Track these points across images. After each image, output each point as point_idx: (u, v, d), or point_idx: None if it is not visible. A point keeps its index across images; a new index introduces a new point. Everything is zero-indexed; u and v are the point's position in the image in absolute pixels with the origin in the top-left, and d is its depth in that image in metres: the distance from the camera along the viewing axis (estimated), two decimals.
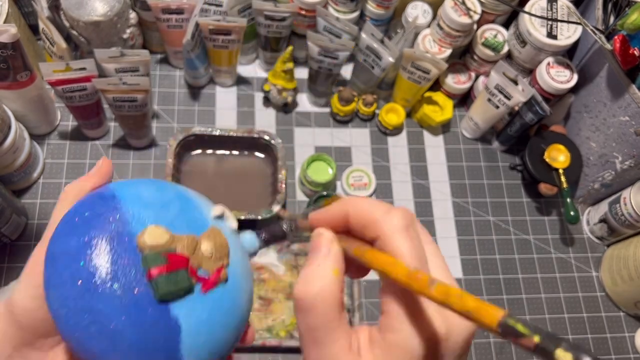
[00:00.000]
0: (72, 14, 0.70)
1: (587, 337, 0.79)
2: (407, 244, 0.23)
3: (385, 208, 0.24)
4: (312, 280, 0.24)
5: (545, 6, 0.76)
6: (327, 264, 0.24)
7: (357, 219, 0.25)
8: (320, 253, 0.25)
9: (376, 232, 0.24)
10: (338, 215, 0.26)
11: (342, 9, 0.80)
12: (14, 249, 0.72)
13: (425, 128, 0.89)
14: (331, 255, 0.25)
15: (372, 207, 0.25)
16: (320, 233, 0.26)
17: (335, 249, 0.25)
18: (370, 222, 0.24)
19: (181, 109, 0.84)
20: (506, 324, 0.17)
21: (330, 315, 0.23)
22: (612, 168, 0.78)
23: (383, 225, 0.24)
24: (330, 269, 0.24)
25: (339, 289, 0.24)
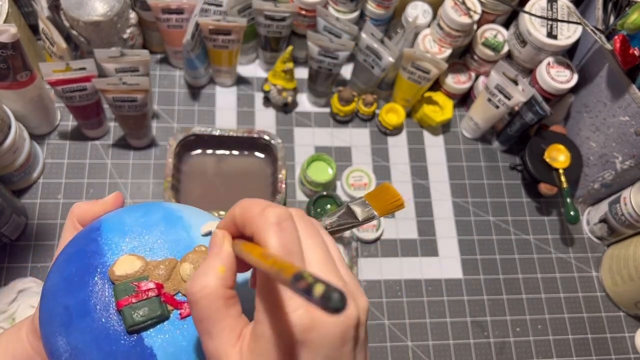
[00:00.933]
0: (72, 13, 0.70)
1: (587, 337, 0.79)
2: (274, 237, 0.24)
3: (263, 206, 0.26)
4: (197, 277, 0.26)
5: (545, 6, 0.76)
6: (214, 262, 0.26)
7: (240, 218, 0.27)
8: (212, 251, 0.27)
9: (252, 228, 0.26)
10: (230, 218, 0.27)
11: (342, 9, 0.80)
12: (14, 249, 0.72)
13: (425, 128, 0.89)
14: (220, 253, 0.26)
15: (251, 205, 0.26)
16: (215, 233, 0.28)
17: (225, 247, 0.27)
18: (248, 220, 0.26)
19: (181, 109, 0.84)
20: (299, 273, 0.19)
21: (213, 308, 0.25)
22: (612, 168, 0.78)
23: (257, 222, 0.25)
24: (216, 266, 0.26)
25: (224, 285, 0.25)
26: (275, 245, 0.24)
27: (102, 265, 0.28)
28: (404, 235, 0.81)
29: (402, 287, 0.78)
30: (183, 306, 0.28)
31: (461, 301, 0.78)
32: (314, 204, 0.76)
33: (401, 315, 0.76)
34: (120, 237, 0.29)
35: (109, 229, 0.30)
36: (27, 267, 0.71)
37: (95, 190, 0.77)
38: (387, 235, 0.80)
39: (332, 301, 0.17)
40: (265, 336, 0.24)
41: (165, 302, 0.28)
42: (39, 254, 0.72)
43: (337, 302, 0.17)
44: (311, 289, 0.18)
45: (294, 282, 0.19)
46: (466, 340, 0.76)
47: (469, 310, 0.78)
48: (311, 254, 0.26)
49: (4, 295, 0.67)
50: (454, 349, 0.75)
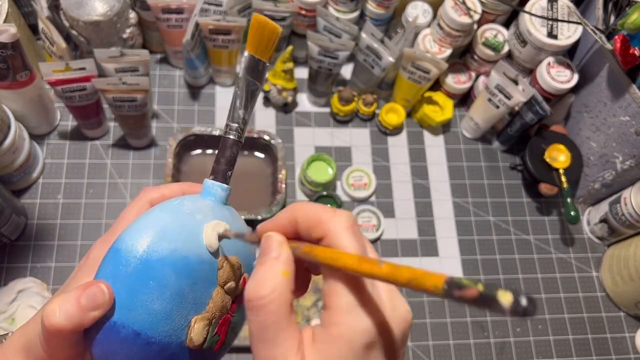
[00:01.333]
0: (72, 13, 0.70)
1: (588, 337, 0.79)
2: (352, 239, 0.25)
3: (332, 210, 0.26)
4: (263, 281, 0.25)
5: (546, 6, 0.76)
6: (277, 266, 0.25)
7: (305, 222, 0.26)
8: (271, 255, 0.26)
9: (323, 231, 0.25)
10: (287, 221, 0.27)
11: (342, 9, 0.80)
12: (14, 249, 0.72)
13: (425, 128, 0.89)
14: (281, 257, 0.26)
15: (319, 209, 0.26)
16: (270, 235, 0.27)
17: (285, 250, 0.26)
18: (317, 223, 0.26)
19: (181, 108, 0.84)
20: (452, 280, 0.19)
21: (280, 316, 0.24)
22: (613, 168, 0.78)
23: (329, 225, 0.25)
24: (280, 271, 0.25)
25: (289, 290, 0.25)
26: (353, 249, 0.24)
27: None
28: (404, 235, 0.81)
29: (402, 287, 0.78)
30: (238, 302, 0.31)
31: None
32: None
33: None
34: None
35: None
36: (26, 267, 0.71)
37: (95, 190, 0.77)
38: (387, 235, 0.80)
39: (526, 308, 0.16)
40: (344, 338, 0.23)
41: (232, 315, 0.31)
42: (39, 254, 0.72)
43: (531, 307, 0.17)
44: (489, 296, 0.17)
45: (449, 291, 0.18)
46: (466, 340, 0.76)
47: (469, 311, 0.78)
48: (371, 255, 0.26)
49: (3, 296, 0.67)
50: (454, 349, 0.75)
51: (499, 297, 0.17)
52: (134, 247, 0.27)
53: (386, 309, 0.24)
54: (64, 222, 0.74)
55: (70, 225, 0.74)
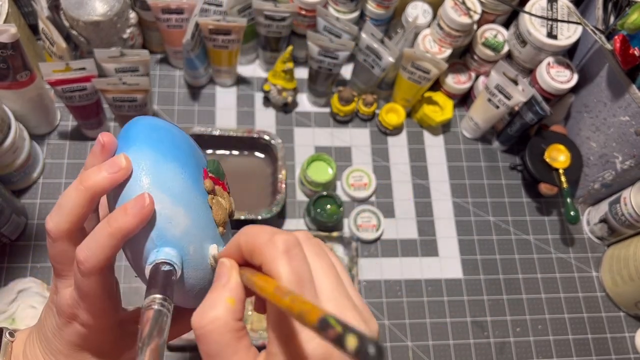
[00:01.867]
0: (72, 13, 0.70)
1: (587, 337, 0.79)
2: (285, 267, 0.24)
3: (270, 234, 0.25)
4: (206, 310, 0.25)
5: (546, 6, 0.76)
6: (223, 293, 0.25)
7: (246, 247, 0.26)
8: (220, 282, 0.26)
9: (260, 258, 0.25)
10: (235, 246, 0.27)
11: (342, 9, 0.80)
12: (14, 249, 0.72)
13: (425, 128, 0.89)
14: (228, 284, 0.25)
15: (257, 234, 0.25)
16: (222, 262, 0.27)
17: (233, 277, 0.26)
18: (255, 249, 0.25)
19: (181, 108, 0.84)
20: (325, 319, 0.19)
21: (224, 342, 0.24)
22: (613, 168, 0.78)
23: (265, 251, 0.24)
24: (225, 298, 0.25)
25: (234, 317, 0.24)
26: (286, 275, 0.23)
27: None
28: (404, 235, 0.81)
29: (402, 287, 0.78)
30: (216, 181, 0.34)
31: (461, 301, 0.78)
32: (314, 204, 0.76)
33: (401, 315, 0.76)
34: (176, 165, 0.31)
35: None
36: (26, 267, 0.71)
37: None
38: (387, 235, 0.80)
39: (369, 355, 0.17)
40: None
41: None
42: (39, 254, 0.72)
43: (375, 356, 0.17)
44: (342, 339, 0.18)
45: (320, 329, 0.19)
46: (466, 340, 0.76)
47: (469, 311, 0.78)
48: (322, 279, 0.25)
49: (3, 296, 0.67)
50: (454, 349, 0.75)
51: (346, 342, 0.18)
52: None
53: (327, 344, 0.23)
54: None
55: None
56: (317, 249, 0.26)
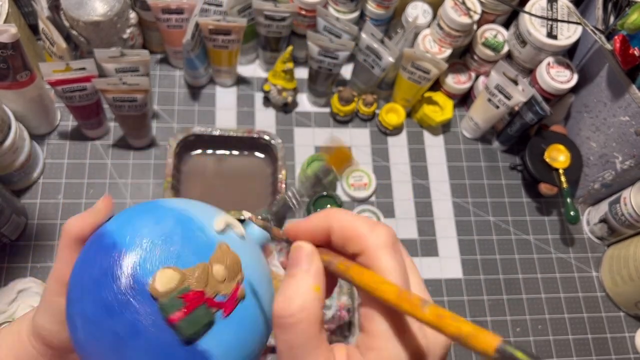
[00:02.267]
0: (72, 13, 0.70)
1: (587, 337, 0.79)
2: (392, 262, 0.23)
3: (371, 223, 0.24)
4: (293, 297, 0.23)
5: (546, 6, 0.76)
6: (308, 280, 0.24)
7: (340, 233, 0.25)
8: (301, 268, 0.24)
9: (360, 247, 0.24)
10: (320, 227, 0.25)
11: (342, 9, 0.80)
12: (14, 249, 0.72)
13: (425, 128, 0.89)
14: (312, 271, 0.24)
15: (357, 222, 0.24)
16: (300, 246, 0.25)
17: (316, 263, 0.24)
18: (354, 237, 0.24)
19: (181, 109, 0.84)
20: (504, 350, 0.17)
21: (311, 334, 0.23)
22: (613, 168, 0.78)
23: (368, 241, 0.23)
24: (311, 286, 0.23)
25: (320, 307, 0.23)
26: (393, 269, 0.23)
27: (139, 283, 0.28)
28: (404, 235, 0.81)
29: None
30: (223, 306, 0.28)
31: (461, 301, 0.78)
32: (314, 204, 0.76)
33: None
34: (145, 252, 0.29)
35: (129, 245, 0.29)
36: (27, 267, 0.71)
37: (95, 191, 0.77)
38: None
39: None
40: None
41: (209, 306, 0.28)
42: (39, 254, 0.72)
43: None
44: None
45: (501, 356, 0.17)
46: None
47: (469, 310, 0.78)
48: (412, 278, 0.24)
49: (3, 296, 0.67)
50: (454, 348, 0.75)
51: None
52: None
53: (425, 335, 0.23)
54: (64, 222, 0.74)
55: None
56: (404, 249, 0.26)
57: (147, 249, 0.29)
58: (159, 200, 0.32)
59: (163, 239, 0.29)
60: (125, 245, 0.29)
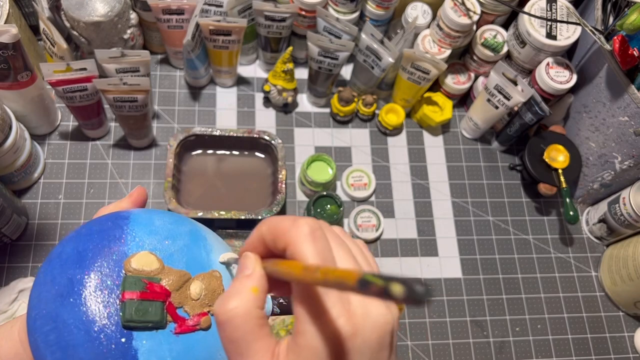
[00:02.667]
0: (73, 14, 0.71)
1: (587, 336, 0.79)
2: (310, 247, 0.24)
3: (293, 219, 0.26)
4: (230, 297, 0.26)
5: (545, 7, 0.77)
6: (247, 283, 0.26)
7: (269, 235, 0.27)
8: (243, 272, 0.27)
9: (285, 241, 0.26)
10: (256, 238, 0.28)
11: (342, 10, 0.80)
12: (15, 249, 0.72)
13: (425, 128, 0.90)
14: (253, 275, 0.27)
15: (280, 220, 0.26)
16: (245, 255, 0.28)
17: (257, 268, 0.27)
18: (279, 234, 0.26)
19: (181, 109, 0.85)
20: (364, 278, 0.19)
21: (248, 328, 0.25)
22: (612, 168, 0.78)
23: (289, 233, 0.25)
24: (249, 287, 0.26)
25: (257, 306, 0.25)
26: (312, 254, 0.24)
27: (121, 253, 0.28)
28: (404, 235, 0.81)
29: None
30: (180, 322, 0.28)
31: (461, 301, 0.78)
32: (314, 204, 0.76)
33: (401, 315, 0.76)
34: (145, 234, 0.29)
35: (137, 222, 0.30)
36: (27, 267, 0.71)
37: (95, 190, 0.77)
38: (386, 235, 0.81)
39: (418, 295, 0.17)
40: (309, 347, 0.24)
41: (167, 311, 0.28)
42: (40, 254, 0.72)
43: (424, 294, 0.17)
44: (387, 290, 0.18)
45: (361, 288, 0.19)
46: (466, 339, 0.76)
47: (469, 310, 0.78)
48: (341, 261, 0.26)
49: (4, 295, 0.67)
50: (454, 348, 0.75)
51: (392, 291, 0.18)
52: None
53: (356, 316, 0.24)
54: (64, 222, 0.75)
55: (71, 225, 0.75)
56: (334, 235, 0.27)
57: (150, 234, 0.29)
58: (190, 219, 0.33)
59: (167, 235, 0.30)
60: (135, 220, 0.30)
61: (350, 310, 0.24)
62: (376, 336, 0.25)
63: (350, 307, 0.25)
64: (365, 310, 0.25)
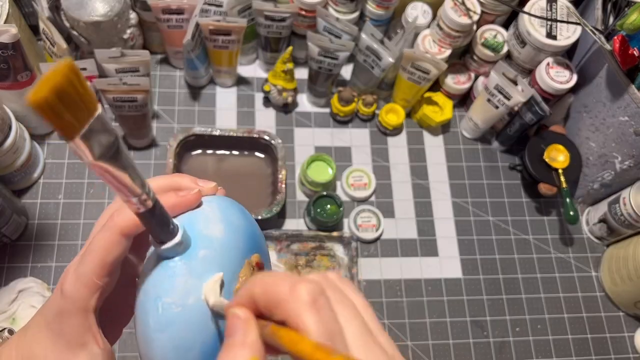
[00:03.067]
0: (73, 14, 0.71)
1: (587, 337, 0.79)
2: (313, 320, 0.22)
3: (291, 283, 0.23)
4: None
5: (545, 6, 0.77)
6: (243, 353, 0.22)
7: (263, 300, 0.23)
8: (236, 339, 0.23)
9: (283, 312, 0.22)
10: (248, 298, 0.24)
11: (342, 10, 0.80)
12: (14, 249, 0.72)
13: (425, 128, 0.90)
14: (248, 342, 0.23)
15: (276, 285, 0.23)
16: (234, 314, 0.24)
17: (252, 333, 0.23)
18: (275, 302, 0.23)
19: (181, 109, 0.85)
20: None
21: None
22: (612, 168, 0.78)
23: (288, 305, 0.22)
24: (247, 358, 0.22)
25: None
26: (316, 330, 0.21)
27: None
28: (404, 235, 0.81)
29: (402, 287, 0.78)
30: None
31: (461, 301, 0.78)
32: (314, 204, 0.76)
33: (401, 315, 0.76)
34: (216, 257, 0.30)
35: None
36: (27, 267, 0.71)
37: (95, 190, 0.77)
38: (387, 235, 0.81)
39: None
40: None
41: None
42: (40, 254, 0.72)
43: None
44: None
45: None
46: (466, 340, 0.76)
47: (469, 310, 0.78)
48: (349, 328, 0.23)
49: (4, 295, 0.67)
50: (454, 348, 0.75)
51: None
52: None
53: None
54: (64, 222, 0.75)
55: (70, 225, 0.74)
56: (341, 296, 0.24)
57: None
58: None
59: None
60: None
61: None
62: None
63: None
64: None
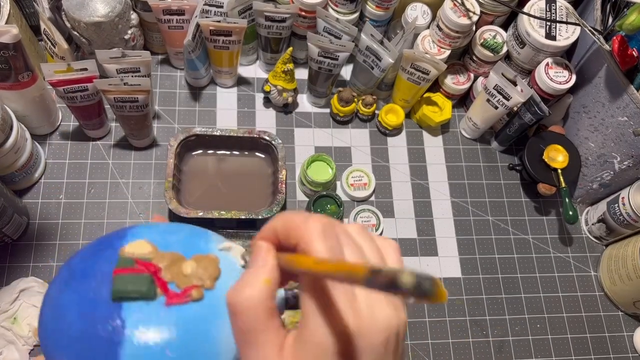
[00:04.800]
0: (74, 14, 0.71)
1: (586, 336, 0.79)
2: (321, 244, 0.25)
3: (305, 216, 0.26)
4: (242, 287, 0.26)
5: (544, 7, 0.77)
6: (259, 273, 0.26)
7: (282, 229, 0.27)
8: (256, 263, 0.27)
9: (297, 237, 0.26)
10: (270, 231, 0.28)
11: (342, 10, 0.80)
12: (16, 249, 0.72)
13: (424, 128, 0.90)
14: (265, 266, 0.27)
15: (293, 216, 0.27)
16: (259, 245, 0.28)
17: (270, 259, 0.27)
18: (292, 230, 0.26)
19: (182, 109, 0.85)
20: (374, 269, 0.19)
21: (258, 320, 0.25)
22: (611, 168, 0.78)
23: (302, 230, 0.26)
24: (262, 279, 0.26)
25: (268, 297, 0.26)
26: (322, 251, 0.25)
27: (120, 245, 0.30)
28: (404, 234, 0.81)
29: None
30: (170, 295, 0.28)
31: (460, 300, 0.79)
32: (314, 204, 0.76)
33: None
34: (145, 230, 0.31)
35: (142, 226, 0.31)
36: (28, 267, 0.72)
37: (96, 190, 0.77)
38: (386, 235, 0.81)
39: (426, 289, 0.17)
40: (314, 342, 0.24)
41: (157, 285, 0.28)
42: (41, 254, 0.73)
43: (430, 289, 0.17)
44: (396, 281, 0.18)
45: (371, 279, 0.19)
46: (465, 339, 0.77)
47: (468, 310, 0.78)
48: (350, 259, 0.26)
49: (5, 295, 0.67)
50: (453, 348, 0.76)
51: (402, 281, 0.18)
52: None
53: (362, 316, 0.25)
54: (65, 221, 0.75)
55: (71, 224, 0.75)
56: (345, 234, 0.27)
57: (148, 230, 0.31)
58: None
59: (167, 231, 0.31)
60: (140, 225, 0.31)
61: (357, 309, 0.25)
62: (382, 337, 0.25)
63: (358, 306, 0.25)
64: (372, 311, 0.25)
